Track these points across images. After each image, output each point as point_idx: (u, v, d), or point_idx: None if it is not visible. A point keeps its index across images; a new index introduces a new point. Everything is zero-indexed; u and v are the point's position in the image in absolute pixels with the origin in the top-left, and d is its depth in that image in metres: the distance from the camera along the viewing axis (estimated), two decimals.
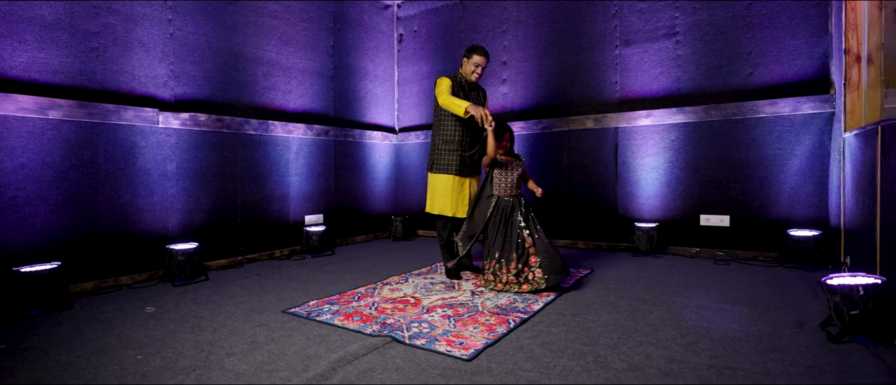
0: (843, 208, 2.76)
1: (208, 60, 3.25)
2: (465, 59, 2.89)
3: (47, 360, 1.66)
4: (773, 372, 1.47)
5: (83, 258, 2.61)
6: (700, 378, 1.45)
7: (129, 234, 2.82)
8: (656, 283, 2.65)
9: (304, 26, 3.91)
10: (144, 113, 2.86)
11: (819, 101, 3.03)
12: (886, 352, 1.58)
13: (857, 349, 1.62)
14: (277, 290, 2.63)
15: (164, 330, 1.97)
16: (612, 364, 1.56)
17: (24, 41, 2.42)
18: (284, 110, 3.77)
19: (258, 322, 2.06)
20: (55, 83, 2.53)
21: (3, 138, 2.33)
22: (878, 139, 2.12)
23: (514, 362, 1.59)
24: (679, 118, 3.48)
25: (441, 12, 4.69)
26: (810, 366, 1.51)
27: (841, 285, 1.69)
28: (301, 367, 1.57)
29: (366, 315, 2.13)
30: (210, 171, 3.23)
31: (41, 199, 2.46)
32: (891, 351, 1.59)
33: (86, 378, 1.51)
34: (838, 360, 1.55)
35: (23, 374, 1.55)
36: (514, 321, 2.00)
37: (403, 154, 4.93)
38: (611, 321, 2.00)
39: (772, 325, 1.91)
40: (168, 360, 1.65)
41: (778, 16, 3.18)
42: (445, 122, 2.85)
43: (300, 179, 3.87)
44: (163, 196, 2.98)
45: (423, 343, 1.76)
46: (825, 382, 1.40)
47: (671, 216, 3.56)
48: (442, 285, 2.68)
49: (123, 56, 2.81)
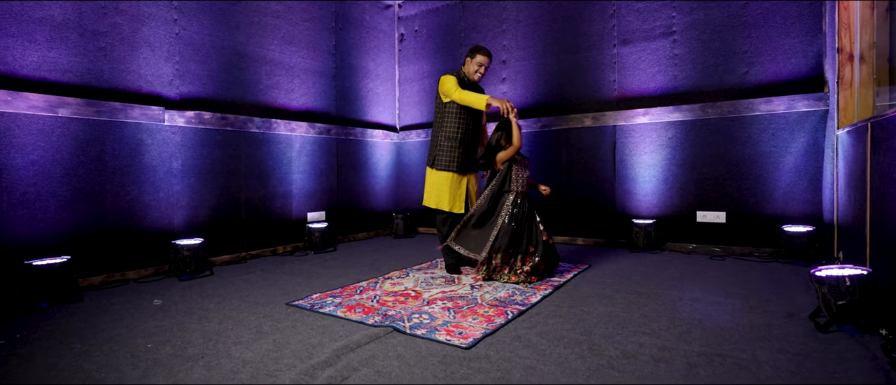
0: (837, 204, 2.81)
1: (213, 60, 3.31)
2: (468, 58, 2.93)
3: (61, 348, 1.72)
4: (760, 359, 1.53)
5: (92, 253, 2.68)
6: (690, 364, 1.50)
7: (135, 230, 2.88)
8: (652, 277, 2.71)
9: (306, 26, 3.97)
10: (151, 111, 2.92)
11: (813, 99, 3.08)
12: (871, 340, 1.64)
13: (843, 338, 1.67)
14: (281, 284, 2.69)
15: (172, 321, 2.03)
16: (606, 351, 1.62)
17: (35, 41, 2.49)
18: (287, 109, 3.83)
19: (263, 314, 2.12)
20: (64, 82, 2.59)
21: (14, 135, 2.39)
22: (867, 135, 2.18)
23: (511, 350, 1.64)
24: (676, 116, 3.53)
25: (441, 12, 4.74)
26: (797, 353, 1.56)
27: (828, 276, 1.75)
28: (306, 355, 1.62)
29: (368, 307, 2.19)
30: (214, 169, 3.29)
31: (51, 195, 2.53)
32: (875, 339, 1.64)
33: (99, 363, 1.57)
34: (824, 347, 1.60)
35: (39, 360, 1.61)
36: (512, 313, 2.06)
37: (404, 152, 4.99)
38: (606, 313, 2.06)
39: (763, 316, 1.96)
40: (177, 348, 1.71)
41: (773, 15, 3.23)
42: (448, 120, 2.89)
43: (303, 177, 3.93)
44: (168, 193, 3.04)
45: (423, 333, 1.82)
46: (809, 367, 1.45)
47: (668, 213, 3.61)
48: (442, 280, 2.73)
49: (130, 55, 2.87)
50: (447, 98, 2.85)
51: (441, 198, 2.91)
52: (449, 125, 2.89)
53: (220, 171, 3.33)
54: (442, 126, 2.92)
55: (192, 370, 1.52)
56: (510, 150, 2.68)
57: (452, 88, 2.80)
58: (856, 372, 1.41)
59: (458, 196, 2.94)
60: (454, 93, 2.79)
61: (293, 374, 1.47)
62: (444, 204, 2.90)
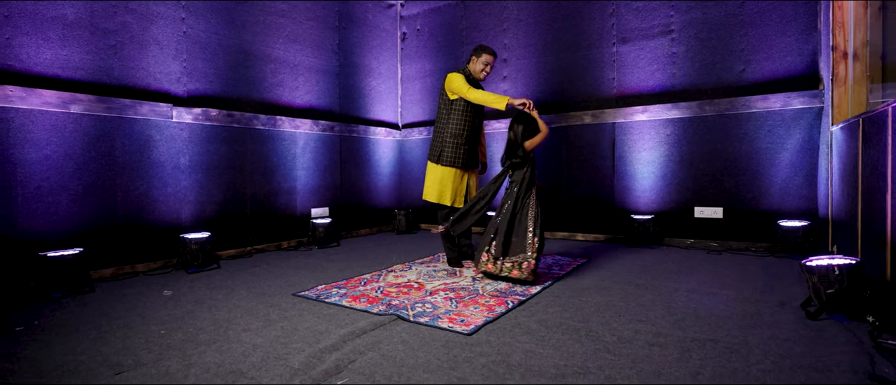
0: (831, 199, 2.87)
1: (219, 58, 3.37)
2: (473, 57, 2.98)
3: (78, 334, 1.79)
4: (751, 343, 1.59)
5: (102, 246, 2.74)
6: (683, 348, 1.56)
7: (144, 224, 2.94)
8: (650, 270, 2.77)
9: (310, 25, 4.04)
10: (159, 108, 2.98)
11: (808, 97, 3.14)
12: (859, 327, 1.70)
13: (833, 325, 1.73)
14: (287, 276, 2.75)
15: (183, 310, 2.09)
16: (602, 337, 1.68)
17: (49, 39, 2.55)
18: (292, 106, 3.89)
19: (270, 303, 2.18)
20: (76, 79, 2.66)
21: (28, 131, 2.46)
22: (859, 131, 2.24)
23: (511, 336, 1.71)
24: (674, 113, 3.59)
25: (443, 11, 4.81)
26: (786, 339, 1.62)
27: (818, 266, 1.81)
28: (313, 340, 1.69)
29: (372, 297, 2.25)
30: (221, 165, 3.36)
31: (63, 189, 2.59)
32: (863, 326, 1.70)
33: (115, 348, 1.64)
34: (813, 334, 1.66)
35: (57, 345, 1.68)
36: (512, 302, 2.12)
37: (407, 150, 5.05)
38: (604, 302, 2.12)
39: (756, 305, 2.02)
40: (189, 334, 1.78)
41: (769, 14, 3.29)
42: (455, 117, 2.94)
43: (307, 173, 3.99)
44: (176, 188, 3.11)
45: (426, 320, 1.88)
46: (797, 351, 1.51)
47: (666, 208, 3.67)
48: (444, 272, 2.80)
49: (139, 53, 2.94)
50: (455, 95, 2.89)
51: (444, 193, 2.97)
52: (455, 122, 2.94)
53: (227, 166, 3.39)
54: (448, 123, 2.96)
55: (205, 353, 1.58)
56: (540, 137, 2.65)
57: (464, 87, 2.83)
58: (842, 355, 1.47)
59: (460, 191, 3.00)
60: (467, 92, 2.81)
61: (302, 357, 1.54)
62: (447, 199, 2.96)
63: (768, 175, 3.31)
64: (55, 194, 2.56)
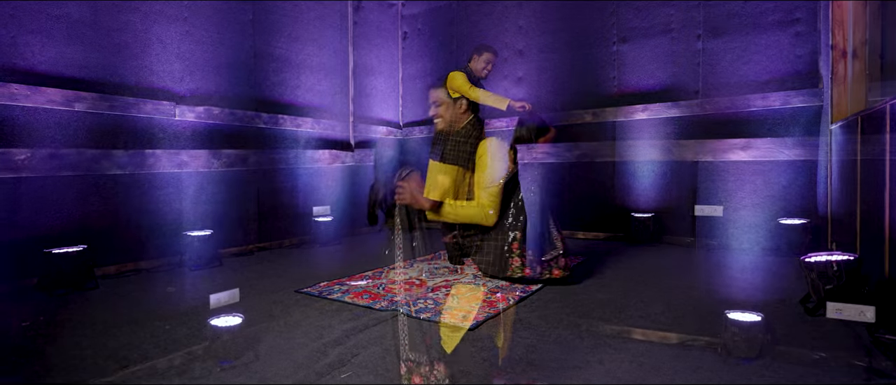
0: (830, 196, 2.88)
1: (221, 56, 3.39)
2: (475, 56, 3.00)
3: (84, 329, 1.81)
4: None
5: (105, 243, 2.76)
6: (683, 343, 1.58)
7: (147, 222, 2.96)
8: (650, 267, 2.78)
9: (312, 24, 4.05)
10: (162, 106, 3.00)
11: (808, 95, 3.15)
12: (857, 322, 1.71)
13: (830, 320, 1.74)
14: (289, 274, 2.77)
15: (186, 306, 2.11)
16: (602, 332, 1.70)
17: (53, 37, 2.57)
18: (294, 104, 3.91)
19: (273, 299, 2.20)
20: (80, 77, 2.68)
21: (33, 128, 2.48)
22: (858, 128, 2.25)
23: (513, 332, 1.72)
24: (674, 112, 3.60)
25: (444, 11, 4.82)
26: (784, 333, 1.64)
27: (817, 262, 1.82)
28: (316, 335, 1.71)
29: (374, 294, 2.27)
30: None
31: (68, 187, 2.61)
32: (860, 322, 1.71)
33: (122, 342, 1.66)
34: (810, 328, 1.68)
35: (64, 339, 1.70)
36: (513, 299, 2.14)
37: (408, 149, 5.07)
38: (604, 299, 2.13)
39: (755, 301, 2.04)
40: (193, 329, 1.80)
41: (769, 13, 3.30)
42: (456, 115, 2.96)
43: (307, 172, 4.01)
44: (178, 186, 3.12)
45: (428, 316, 1.90)
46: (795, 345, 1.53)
47: (666, 207, 3.69)
48: (446, 270, 2.82)
49: (143, 52, 2.96)
50: (457, 94, 2.91)
51: (446, 191, 2.98)
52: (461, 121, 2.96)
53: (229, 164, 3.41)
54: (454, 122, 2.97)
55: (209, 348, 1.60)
56: (550, 135, 2.79)
57: (465, 85, 2.85)
58: (839, 349, 1.49)
59: (462, 190, 3.01)
60: (470, 91, 2.83)
61: (306, 351, 1.55)
62: (449, 197, 2.97)
63: (768, 173, 3.32)
64: (59, 191, 2.58)
